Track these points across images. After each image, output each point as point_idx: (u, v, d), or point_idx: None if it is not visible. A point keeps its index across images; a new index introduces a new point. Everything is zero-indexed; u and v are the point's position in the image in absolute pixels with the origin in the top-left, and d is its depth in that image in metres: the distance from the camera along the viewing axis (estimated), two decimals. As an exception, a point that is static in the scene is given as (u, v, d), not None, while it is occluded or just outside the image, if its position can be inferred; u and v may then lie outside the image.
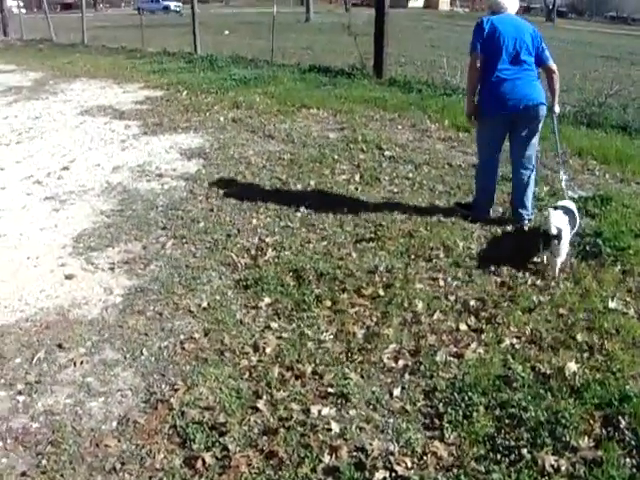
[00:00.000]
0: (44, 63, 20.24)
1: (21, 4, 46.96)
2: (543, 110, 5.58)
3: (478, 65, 5.55)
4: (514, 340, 3.96)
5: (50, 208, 6.54)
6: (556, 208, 5.10)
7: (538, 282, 4.68)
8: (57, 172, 7.80)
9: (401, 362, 3.77)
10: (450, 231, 5.57)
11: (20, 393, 3.61)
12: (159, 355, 3.91)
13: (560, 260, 4.82)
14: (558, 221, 4.77)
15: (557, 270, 4.81)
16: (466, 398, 3.39)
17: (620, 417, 3.23)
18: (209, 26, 17.59)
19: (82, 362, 3.87)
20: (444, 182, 6.90)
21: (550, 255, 4.85)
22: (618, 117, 10.17)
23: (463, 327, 4.12)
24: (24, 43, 30.61)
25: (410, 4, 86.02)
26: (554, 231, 4.68)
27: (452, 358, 3.78)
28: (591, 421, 3.22)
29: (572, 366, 3.64)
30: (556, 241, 4.70)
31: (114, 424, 3.34)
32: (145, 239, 5.63)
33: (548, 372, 3.62)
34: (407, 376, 3.65)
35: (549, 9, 76.04)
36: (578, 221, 5.26)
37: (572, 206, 5.36)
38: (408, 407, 3.38)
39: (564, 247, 4.79)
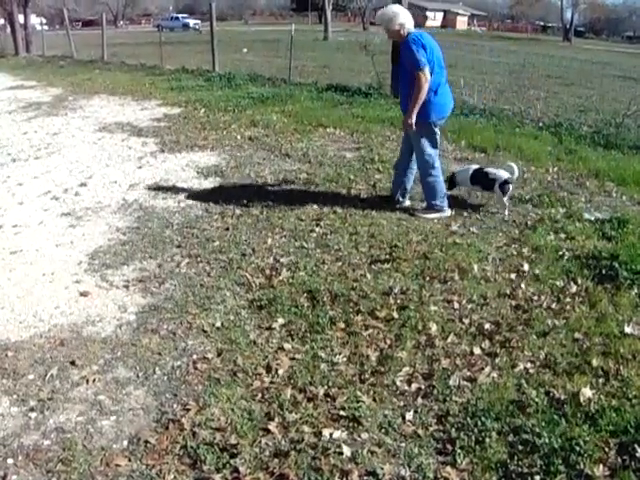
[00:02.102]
0: (64, 79, 20.46)
1: (44, 21, 47.60)
2: None
3: (429, 77, 6.06)
4: (528, 364, 3.92)
5: (66, 224, 6.58)
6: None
7: (553, 306, 4.64)
8: (74, 188, 7.85)
9: (414, 385, 3.74)
10: (465, 253, 5.54)
11: (32, 410, 3.61)
12: (172, 374, 3.91)
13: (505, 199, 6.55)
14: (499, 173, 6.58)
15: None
16: (479, 423, 3.36)
17: (636, 445, 3.18)
18: (227, 44, 17.74)
19: (95, 380, 3.87)
20: (459, 203, 6.88)
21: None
22: (636, 138, 10.13)
23: (477, 351, 4.08)
24: (45, 59, 30.97)
25: (428, 23, 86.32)
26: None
27: (465, 382, 3.75)
28: (606, 449, 3.18)
29: (587, 392, 3.60)
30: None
31: (125, 443, 3.34)
32: (160, 257, 5.65)
33: (562, 398, 3.58)
34: (420, 400, 3.62)
35: (566, 29, 76.16)
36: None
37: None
38: (420, 431, 3.36)
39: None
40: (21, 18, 38.57)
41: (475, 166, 6.96)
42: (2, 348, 4.24)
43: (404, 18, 6.17)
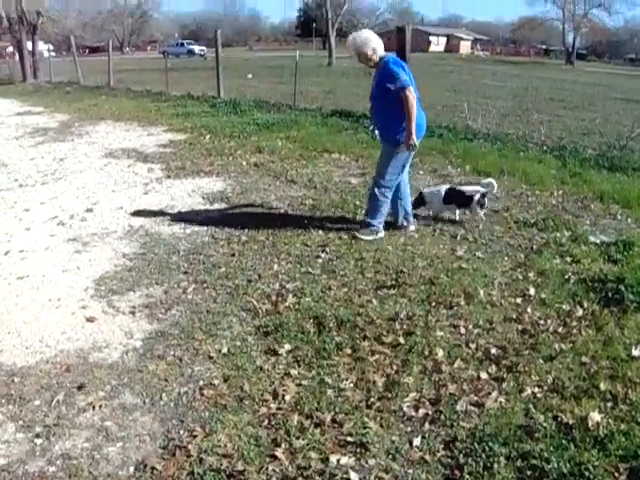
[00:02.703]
0: (71, 105, 20.59)
1: (51, 48, 47.98)
2: None
3: (415, 95, 6.16)
4: (536, 389, 3.90)
5: (73, 250, 6.59)
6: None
7: (560, 329, 4.63)
8: (80, 214, 7.88)
9: (421, 411, 3.72)
10: (471, 278, 5.54)
11: (38, 436, 3.60)
12: (178, 401, 3.90)
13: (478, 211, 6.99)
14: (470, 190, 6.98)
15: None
16: (487, 448, 3.34)
17: (646, 470, 3.17)
18: (233, 70, 17.89)
19: (101, 406, 3.86)
20: (465, 228, 6.89)
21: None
22: (640, 160, 10.13)
23: (484, 375, 4.06)
24: (52, 85, 31.21)
25: (431, 48, 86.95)
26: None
27: (473, 407, 3.73)
28: (616, 474, 3.16)
29: (595, 416, 3.57)
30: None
31: (131, 470, 3.32)
32: (166, 283, 5.65)
33: (571, 422, 3.55)
34: (427, 425, 3.60)
35: (568, 52, 76.57)
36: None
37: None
38: (428, 457, 3.34)
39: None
40: (29, 45, 38.93)
41: (446, 186, 7.31)
42: (8, 374, 4.24)
43: (376, 43, 6.27)
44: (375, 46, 6.26)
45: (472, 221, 7.11)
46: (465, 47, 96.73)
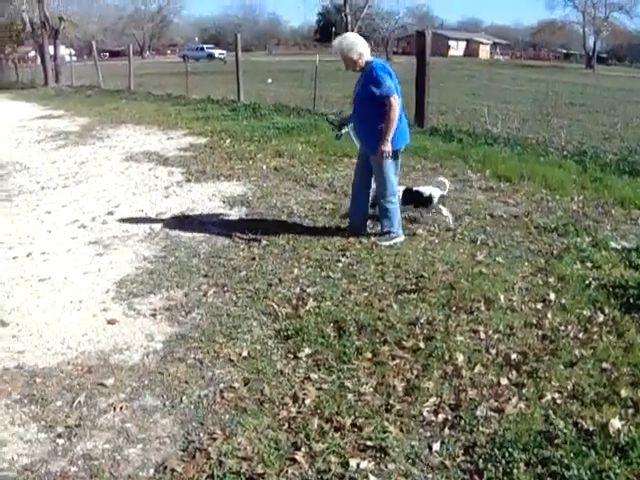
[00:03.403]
0: (92, 109, 20.74)
1: (73, 52, 48.45)
2: None
3: (398, 104, 6.17)
4: (556, 395, 3.87)
5: (94, 252, 6.64)
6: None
7: (580, 335, 4.59)
8: (102, 217, 7.94)
9: (441, 416, 3.71)
10: (491, 283, 5.51)
11: (60, 436, 3.64)
12: (198, 403, 3.91)
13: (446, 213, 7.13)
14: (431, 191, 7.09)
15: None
16: (506, 454, 3.32)
17: (668, 478, 3.14)
18: (252, 74, 17.92)
19: (122, 407, 3.89)
20: (486, 233, 6.86)
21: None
22: (662, 165, 10.04)
23: (504, 381, 4.04)
24: (74, 89, 31.48)
25: (451, 52, 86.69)
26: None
27: (493, 413, 3.71)
28: (637, 481, 3.13)
29: (616, 423, 3.54)
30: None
31: (151, 471, 3.34)
32: (187, 286, 5.67)
33: (591, 429, 3.52)
34: (447, 430, 3.59)
35: (589, 56, 76.14)
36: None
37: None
38: (447, 462, 3.33)
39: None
40: (51, 50, 39.30)
41: (401, 187, 7.15)
42: (30, 374, 4.28)
43: (363, 47, 6.23)
44: (362, 50, 6.22)
45: (440, 221, 7.20)
46: (484, 51, 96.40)
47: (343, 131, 6.99)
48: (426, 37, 12.74)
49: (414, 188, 7.29)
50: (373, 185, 6.71)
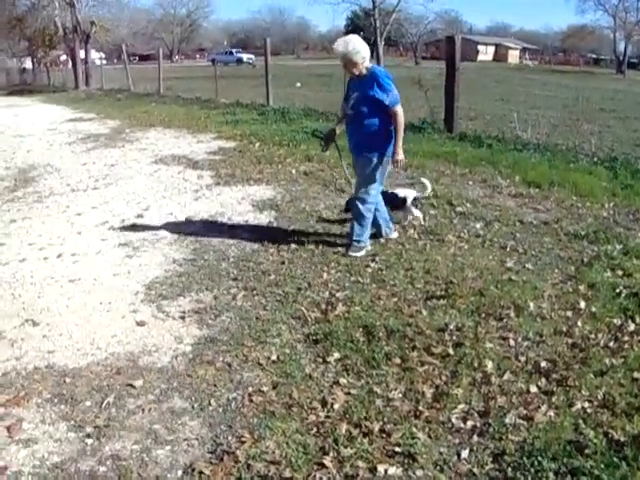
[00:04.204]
0: (121, 112, 20.93)
1: (103, 56, 49.02)
2: None
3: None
4: (586, 404, 3.82)
5: (123, 254, 6.69)
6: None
7: (611, 344, 4.54)
8: (131, 219, 8.01)
9: (470, 423, 3.69)
10: (521, 290, 5.47)
11: (89, 436, 3.67)
12: (227, 406, 3.92)
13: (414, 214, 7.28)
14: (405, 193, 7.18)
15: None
16: (535, 463, 3.29)
17: (702, 491, 3.09)
18: (281, 78, 17.91)
19: (150, 409, 3.92)
20: (515, 239, 6.80)
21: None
22: None
23: (533, 389, 4.00)
24: (104, 93, 31.80)
25: (479, 57, 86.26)
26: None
27: (522, 421, 3.68)
28: (670, 494, 3.09)
29: (648, 434, 3.51)
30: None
31: (179, 473, 3.35)
32: (216, 289, 5.69)
33: (622, 439, 3.48)
34: (475, 438, 3.57)
35: (619, 61, 75.36)
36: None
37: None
38: (476, 470, 3.30)
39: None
40: (82, 53, 39.76)
41: None
42: (60, 374, 4.33)
43: (366, 52, 6.12)
44: (365, 55, 6.11)
45: (407, 221, 7.32)
46: (513, 56, 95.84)
47: (329, 146, 6.99)
48: (456, 42, 12.69)
49: (389, 190, 7.31)
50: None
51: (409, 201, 7.16)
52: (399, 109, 6.09)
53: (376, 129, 6.16)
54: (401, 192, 7.24)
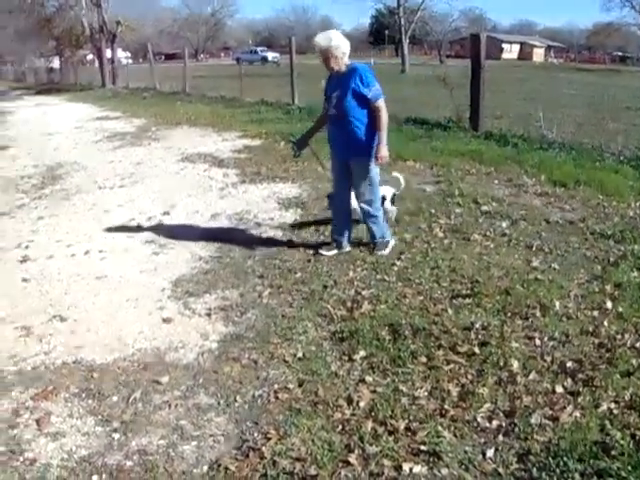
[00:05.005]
0: (147, 110, 21.03)
1: (129, 55, 49.42)
2: None
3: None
4: (612, 405, 3.78)
5: (150, 252, 6.74)
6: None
7: (638, 344, 4.48)
8: (158, 217, 8.06)
9: (495, 422, 3.67)
10: (547, 289, 5.43)
11: (115, 431, 3.71)
12: (253, 403, 3.94)
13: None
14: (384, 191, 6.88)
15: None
16: (561, 464, 3.26)
17: None
18: (306, 77, 17.83)
19: (177, 405, 3.94)
20: (541, 239, 6.75)
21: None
22: None
23: (559, 389, 3.97)
24: (130, 91, 32.01)
25: (504, 55, 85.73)
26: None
27: (547, 421, 3.65)
28: (698, 496, 3.06)
29: (676, 436, 3.47)
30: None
31: (205, 468, 3.38)
32: (242, 287, 5.71)
33: (650, 441, 3.45)
34: (501, 437, 3.55)
35: (647, 58, 74.54)
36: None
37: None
38: (501, 470, 3.28)
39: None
40: (108, 53, 40.08)
41: None
42: (88, 369, 4.39)
43: (346, 47, 5.94)
44: (345, 50, 5.92)
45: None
46: (538, 54, 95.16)
47: (303, 150, 6.92)
48: (481, 40, 12.61)
49: None
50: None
51: (388, 199, 7.05)
52: (382, 103, 5.95)
53: (362, 127, 6.00)
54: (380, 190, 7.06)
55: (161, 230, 7.46)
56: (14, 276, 6.19)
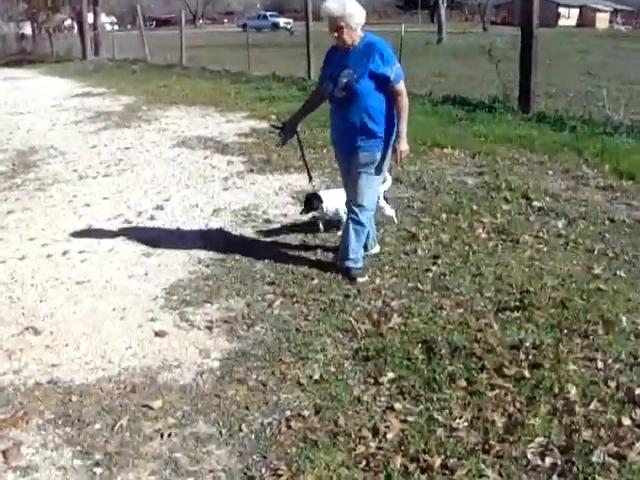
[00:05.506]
0: (137, 86, 21.17)
1: (114, 20, 49.55)
2: None
3: None
4: (691, 442, 3.79)
5: (140, 253, 6.77)
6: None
7: None
8: (149, 211, 8.11)
9: (548, 460, 3.65)
10: (611, 301, 5.41)
11: (98, 464, 3.70)
12: (260, 433, 3.93)
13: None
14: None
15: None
16: (628, 512, 3.27)
17: None
18: (325, 47, 17.93)
19: (170, 434, 3.94)
20: (604, 241, 6.74)
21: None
22: None
23: (626, 421, 3.95)
24: (116, 63, 32.20)
25: (561, 22, 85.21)
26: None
27: (612, 459, 3.63)
28: None
29: None
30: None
31: (203, 510, 3.39)
32: (249, 295, 5.73)
33: None
34: (555, 478, 3.53)
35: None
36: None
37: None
38: (555, 518, 3.29)
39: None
40: (90, 17, 40.18)
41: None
42: (66, 391, 4.39)
43: (362, 17, 5.69)
44: (361, 21, 5.67)
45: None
46: (602, 20, 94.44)
47: (291, 139, 6.62)
48: (533, 3, 12.58)
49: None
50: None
51: (381, 198, 6.92)
52: (403, 87, 5.74)
53: (377, 114, 5.78)
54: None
55: (153, 227, 7.52)
56: (-21, 281, 6.23)
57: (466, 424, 3.95)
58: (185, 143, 12.04)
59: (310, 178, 6.85)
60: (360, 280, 5.96)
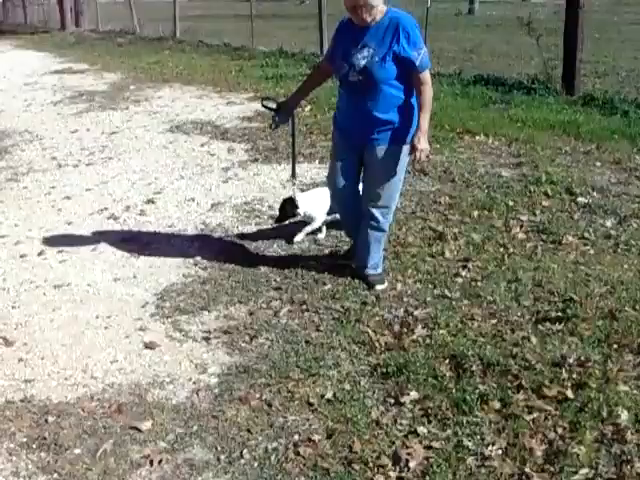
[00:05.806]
0: (124, 62, 21.22)
1: (98, -14, 49.45)
2: None
3: None
4: None
5: (128, 253, 6.78)
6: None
7: None
8: (139, 206, 8.14)
9: (596, 494, 3.68)
10: (668, 313, 5.43)
11: (78, 495, 3.70)
12: (265, 460, 3.93)
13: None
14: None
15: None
16: None
17: None
18: (338, 18, 17.89)
19: (161, 461, 3.93)
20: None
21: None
22: None
23: (688, 452, 3.97)
24: (100, 36, 32.28)
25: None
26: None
27: (671, 495, 3.65)
28: None
29: None
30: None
31: None
32: (252, 302, 5.73)
33: None
34: (602, 515, 3.56)
35: None
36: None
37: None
38: None
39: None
40: (70, -18, 40.15)
41: (323, 188, 6.85)
42: (41, 411, 4.39)
43: None
44: None
45: None
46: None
47: (285, 123, 6.47)
48: (580, -33, 12.58)
49: None
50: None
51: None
52: (429, 77, 5.54)
53: (400, 103, 5.61)
54: None
55: (143, 224, 7.55)
56: (-57, 284, 6.26)
57: (500, 452, 3.94)
58: (179, 128, 12.06)
59: (293, 174, 6.81)
60: (379, 287, 5.96)
